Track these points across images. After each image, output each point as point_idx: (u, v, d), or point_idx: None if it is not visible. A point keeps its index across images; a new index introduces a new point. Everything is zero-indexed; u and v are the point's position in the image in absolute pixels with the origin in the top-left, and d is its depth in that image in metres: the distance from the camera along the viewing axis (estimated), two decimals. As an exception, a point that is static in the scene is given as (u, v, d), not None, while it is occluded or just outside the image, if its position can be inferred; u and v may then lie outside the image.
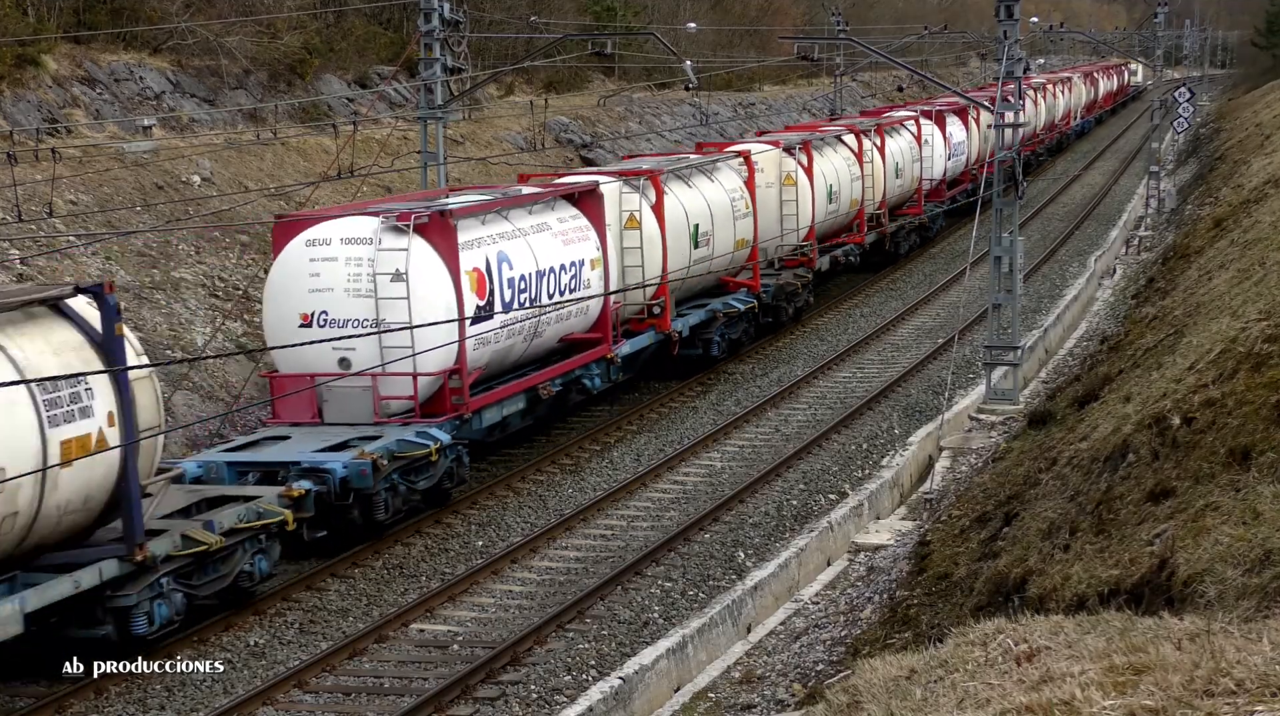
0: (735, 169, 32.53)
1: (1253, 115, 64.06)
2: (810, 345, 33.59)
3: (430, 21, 29.70)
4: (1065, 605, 10.14)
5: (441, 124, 31.06)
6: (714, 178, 31.29)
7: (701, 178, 30.82)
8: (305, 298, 21.20)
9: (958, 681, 7.56)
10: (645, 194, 27.69)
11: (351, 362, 20.93)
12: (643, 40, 49.19)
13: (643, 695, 14.88)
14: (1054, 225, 50.86)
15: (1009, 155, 26.79)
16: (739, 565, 19.47)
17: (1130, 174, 64.74)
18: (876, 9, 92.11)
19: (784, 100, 71.52)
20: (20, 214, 24.95)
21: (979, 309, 33.39)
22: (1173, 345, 17.23)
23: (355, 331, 20.83)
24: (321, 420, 21.20)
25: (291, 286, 21.37)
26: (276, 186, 34.12)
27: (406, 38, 42.58)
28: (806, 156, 35.77)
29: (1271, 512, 9.32)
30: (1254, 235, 23.53)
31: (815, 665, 15.42)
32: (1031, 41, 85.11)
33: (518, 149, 44.70)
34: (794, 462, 24.06)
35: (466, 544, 20.52)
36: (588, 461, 24.39)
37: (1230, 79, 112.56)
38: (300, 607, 18.12)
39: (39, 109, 32.14)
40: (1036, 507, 13.95)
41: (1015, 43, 26.21)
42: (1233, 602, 8.44)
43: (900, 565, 17.44)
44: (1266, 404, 11.10)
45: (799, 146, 35.77)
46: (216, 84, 38.65)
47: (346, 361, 20.97)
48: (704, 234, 29.84)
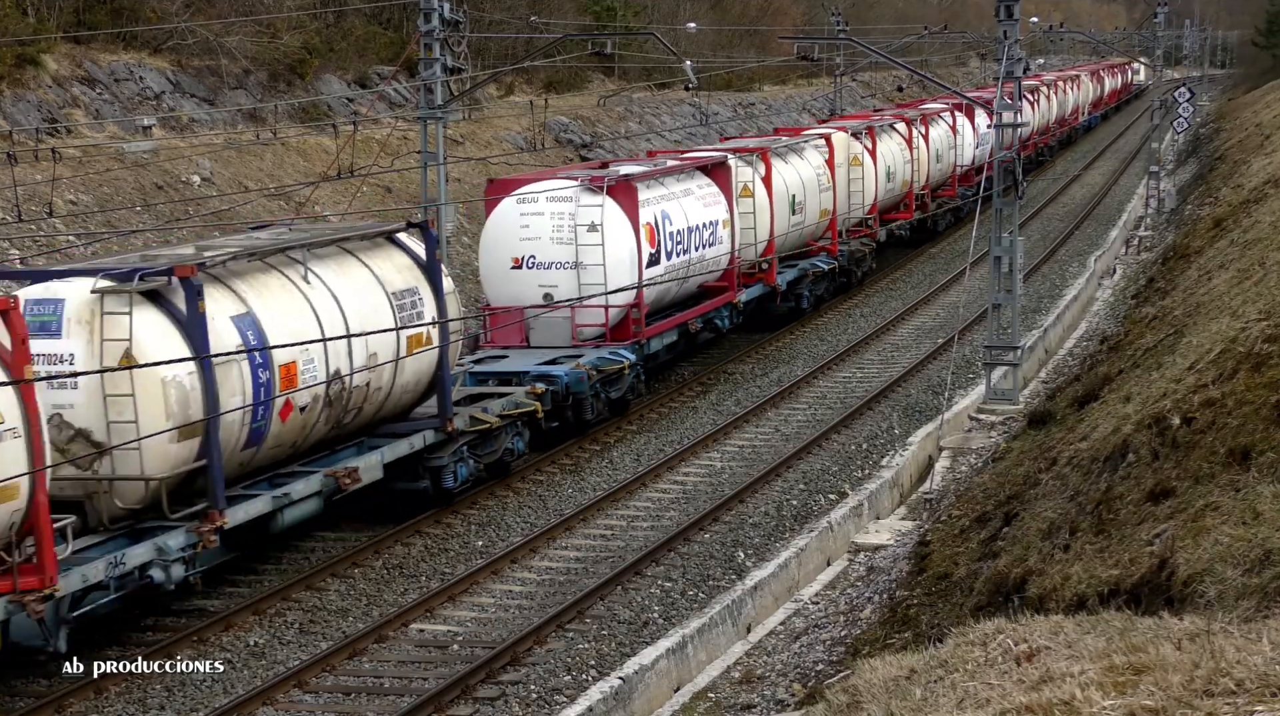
0: (818, 149, 37.40)
1: (1253, 115, 64.05)
2: (810, 345, 33.59)
3: (430, 21, 29.68)
4: (1065, 605, 10.14)
5: (441, 124, 31.04)
6: (803, 156, 36.32)
7: (794, 156, 35.84)
8: (516, 245, 26.26)
9: (958, 681, 7.56)
10: (756, 168, 32.85)
11: (554, 296, 25.93)
12: (643, 40, 49.20)
13: (643, 695, 14.88)
14: (1054, 225, 50.87)
15: (1009, 155, 26.78)
16: (739, 565, 19.46)
17: (1130, 174, 64.75)
18: (876, 9, 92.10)
19: (784, 100, 71.52)
20: (20, 214, 24.96)
21: (979, 309, 33.40)
22: (1173, 345, 17.23)
23: (558, 271, 26.25)
24: (528, 344, 26.20)
25: (504, 236, 26.42)
26: (276, 186, 34.14)
27: (406, 38, 42.58)
28: (871, 141, 40.81)
29: (1271, 512, 9.33)
30: (1254, 235, 23.53)
31: (815, 665, 15.41)
32: (1031, 41, 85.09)
33: (518, 149, 44.71)
34: (794, 462, 24.05)
35: (466, 544, 20.52)
36: (588, 461, 24.39)
37: (1230, 79, 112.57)
38: (300, 607, 18.11)
39: (39, 109, 32.16)
40: (1036, 507, 13.94)
41: (1015, 43, 26.20)
42: (1233, 602, 8.44)
43: (900, 565, 17.44)
44: (1266, 404, 11.10)
45: (865, 132, 40.80)
46: (216, 84, 38.66)
47: (550, 295, 25.98)
48: (799, 203, 35.12)
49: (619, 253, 26.26)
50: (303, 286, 18.91)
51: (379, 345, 19.69)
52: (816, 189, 36.19)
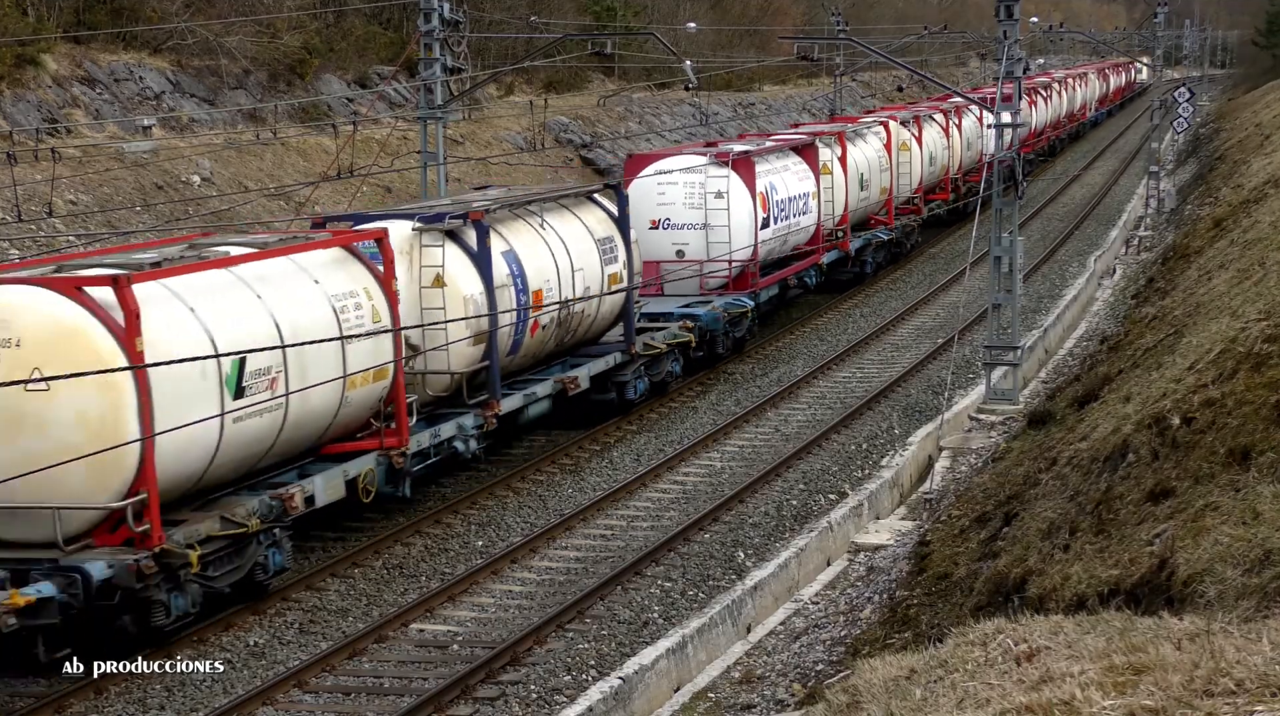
0: (878, 135, 42.70)
1: (1253, 115, 64.02)
2: (810, 345, 33.59)
3: (430, 21, 29.69)
4: (1065, 605, 10.13)
5: (441, 124, 31.05)
6: (867, 140, 41.59)
7: (860, 140, 41.17)
8: (654, 209, 30.91)
9: (957, 681, 7.55)
10: (834, 149, 38.11)
11: (684, 252, 31.10)
12: (643, 40, 49.19)
13: (642, 695, 14.88)
14: (1054, 225, 50.86)
15: (1009, 155, 26.78)
16: (739, 565, 19.46)
17: (1130, 174, 64.73)
18: (876, 9, 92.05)
19: (784, 100, 71.49)
20: (20, 214, 24.95)
21: (979, 309, 33.39)
22: (1172, 345, 17.22)
23: (689, 232, 31.30)
24: (663, 292, 30.34)
25: (643, 202, 30.55)
26: (276, 186, 34.13)
27: (406, 38, 42.56)
28: (917, 128, 45.90)
29: (1271, 512, 9.32)
30: (1254, 235, 23.51)
31: (815, 665, 15.41)
32: (1031, 41, 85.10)
33: (517, 149, 44.69)
34: (794, 462, 24.05)
35: (466, 544, 20.52)
36: (587, 461, 24.39)
37: (1230, 79, 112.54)
38: (300, 607, 18.11)
39: (39, 109, 32.15)
40: (1036, 507, 13.94)
41: (1015, 43, 26.20)
42: (1233, 602, 8.43)
43: (900, 565, 17.43)
44: (1266, 404, 11.10)
45: (912, 120, 45.82)
46: (216, 84, 38.65)
47: (681, 252, 31.17)
48: (866, 181, 40.65)
49: (740, 216, 31.49)
50: (541, 232, 24.52)
51: (590, 280, 25.31)
52: (878, 169, 41.77)
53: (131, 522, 15.67)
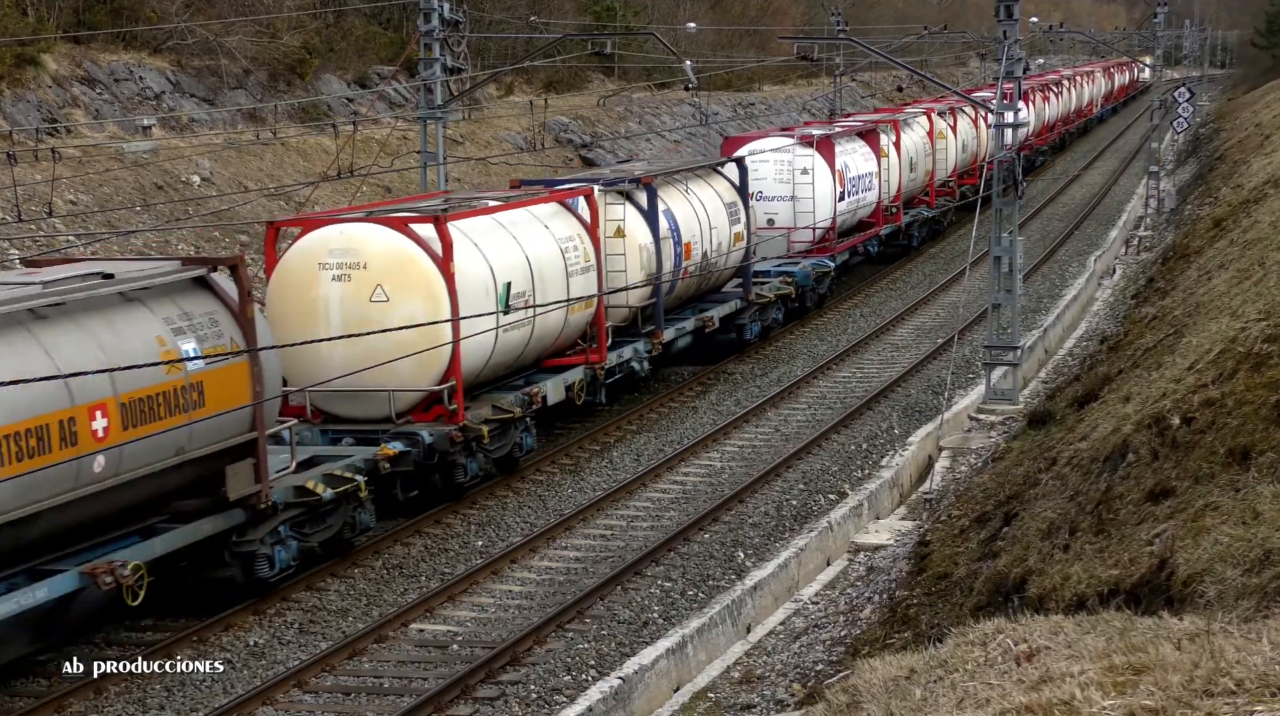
0: (921, 124, 47.81)
1: (1252, 115, 64.02)
2: (810, 345, 33.59)
3: (430, 21, 29.68)
4: (1065, 605, 10.13)
5: (441, 124, 31.04)
6: (914, 128, 46.80)
7: (908, 128, 46.03)
8: (749, 183, 33.41)
9: (957, 681, 7.55)
10: (890, 135, 43.00)
11: (774, 221, 36.00)
12: (643, 40, 49.20)
13: (642, 695, 14.87)
14: (1054, 225, 50.86)
15: (1009, 155, 26.77)
16: (739, 565, 19.45)
17: (1130, 174, 64.73)
18: (876, 9, 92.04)
19: (784, 100, 71.49)
20: (20, 214, 24.95)
21: (979, 309, 33.39)
22: (1172, 345, 17.22)
23: (779, 203, 36.48)
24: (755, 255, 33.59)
25: None
26: (276, 186, 34.13)
27: (406, 38, 42.56)
28: (952, 119, 50.76)
29: (1271, 512, 9.32)
30: (1254, 235, 23.51)
31: (815, 665, 15.41)
32: (1031, 41, 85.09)
33: (517, 149, 44.69)
34: (794, 462, 24.05)
35: (466, 544, 20.51)
36: (587, 461, 24.39)
37: (1230, 79, 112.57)
38: (300, 607, 18.11)
39: (39, 109, 32.15)
40: (1036, 507, 13.94)
41: (1015, 43, 26.19)
42: (1233, 602, 8.43)
43: (900, 565, 17.43)
44: (1266, 404, 11.10)
45: (947, 112, 50.52)
46: (216, 84, 38.65)
47: (771, 220, 35.95)
48: (914, 164, 45.73)
49: (823, 190, 36.72)
50: (686, 196, 29.53)
51: (721, 237, 30.36)
52: (923, 154, 46.98)
53: (446, 402, 20.88)
